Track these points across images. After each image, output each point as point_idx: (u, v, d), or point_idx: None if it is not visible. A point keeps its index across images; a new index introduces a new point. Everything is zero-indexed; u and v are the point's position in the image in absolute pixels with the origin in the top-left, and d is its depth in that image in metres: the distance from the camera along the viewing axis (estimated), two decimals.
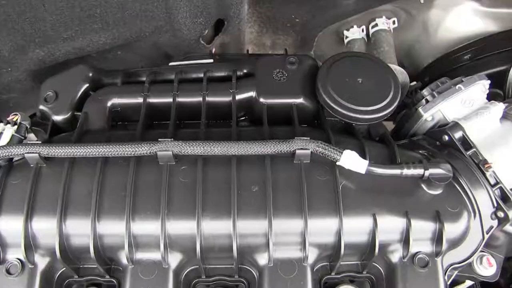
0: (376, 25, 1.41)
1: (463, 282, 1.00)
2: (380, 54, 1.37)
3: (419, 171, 0.81)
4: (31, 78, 1.21)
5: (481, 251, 0.94)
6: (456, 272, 0.92)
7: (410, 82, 1.34)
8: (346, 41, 1.46)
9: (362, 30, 1.45)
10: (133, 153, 0.83)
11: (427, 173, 0.81)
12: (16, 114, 0.96)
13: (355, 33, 1.44)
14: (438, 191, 0.85)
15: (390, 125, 1.20)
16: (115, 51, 1.25)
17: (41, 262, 0.83)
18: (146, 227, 0.81)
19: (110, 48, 1.21)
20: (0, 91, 1.22)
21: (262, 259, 0.82)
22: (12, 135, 0.93)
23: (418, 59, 1.52)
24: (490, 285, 1.31)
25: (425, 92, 1.00)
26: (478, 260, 0.93)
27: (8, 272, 0.82)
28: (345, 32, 1.45)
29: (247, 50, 1.34)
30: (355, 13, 1.38)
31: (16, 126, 0.94)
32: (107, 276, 0.86)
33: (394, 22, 1.43)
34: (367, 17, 1.42)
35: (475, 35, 1.38)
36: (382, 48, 1.38)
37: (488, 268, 0.93)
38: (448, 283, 0.91)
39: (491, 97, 1.05)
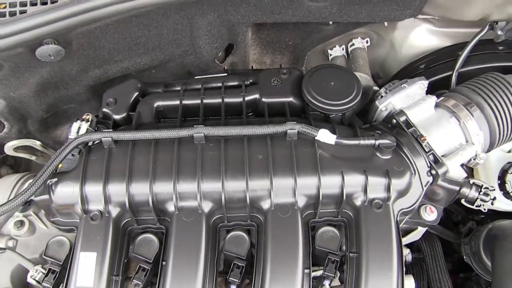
0: (353, 44, 1.84)
1: (416, 229, 1.41)
2: (357, 67, 1.80)
3: (371, 142, 1.24)
4: (88, 92, 1.65)
5: (425, 203, 1.36)
6: (406, 218, 1.33)
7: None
8: (330, 58, 1.89)
9: (343, 49, 1.87)
10: (176, 136, 1.25)
11: (377, 142, 1.23)
12: (89, 114, 1.39)
13: (337, 51, 1.87)
14: (387, 157, 1.27)
15: None
16: (150, 70, 1.69)
17: (113, 212, 1.24)
18: (187, 186, 1.22)
19: (147, 68, 1.66)
20: (64, 102, 1.67)
21: (266, 205, 1.23)
22: (87, 128, 1.37)
23: (389, 70, 1.96)
24: (450, 245, 1.73)
25: (381, 90, 1.44)
26: (423, 209, 1.35)
27: (91, 219, 1.24)
28: (329, 51, 1.88)
29: (252, 67, 1.80)
30: (335, 35, 1.80)
31: (89, 122, 1.38)
32: (158, 224, 1.29)
33: (367, 42, 1.86)
34: (346, 38, 1.85)
35: (431, 49, 1.82)
36: (358, 62, 1.82)
37: (430, 214, 1.35)
38: (401, 225, 1.32)
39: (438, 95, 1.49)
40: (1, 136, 1.67)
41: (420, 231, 1.42)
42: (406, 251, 1.53)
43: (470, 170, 1.62)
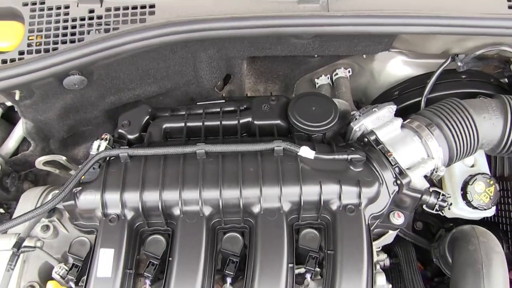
0: (337, 74, 2.12)
1: (387, 232, 1.68)
2: (340, 94, 2.09)
3: (345, 156, 1.51)
4: (103, 115, 1.95)
5: (393, 209, 1.64)
6: (377, 222, 1.60)
7: None
8: (317, 86, 2.18)
9: (328, 78, 2.15)
10: (182, 152, 1.53)
11: (349, 157, 1.51)
12: (107, 134, 1.68)
13: (323, 80, 2.16)
14: (359, 169, 1.53)
15: None
16: (158, 97, 1.99)
17: (128, 216, 1.50)
18: (191, 193, 1.49)
19: (156, 95, 1.96)
20: (83, 124, 1.97)
21: (256, 209, 1.49)
22: (106, 146, 1.66)
23: (370, 96, 2.25)
24: (429, 255, 1.99)
25: (356, 113, 1.73)
26: (392, 214, 1.61)
27: (110, 221, 1.50)
28: (316, 80, 2.17)
29: (246, 94, 2.10)
30: (321, 66, 2.09)
31: (107, 141, 1.67)
32: (165, 226, 1.56)
33: (349, 71, 2.15)
34: (330, 68, 2.14)
35: (405, 78, 2.09)
36: (341, 90, 2.10)
37: (398, 219, 1.61)
38: (373, 229, 1.59)
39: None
40: (27, 154, 1.97)
41: (391, 234, 1.69)
42: (383, 256, 1.79)
43: (439, 183, 1.91)
